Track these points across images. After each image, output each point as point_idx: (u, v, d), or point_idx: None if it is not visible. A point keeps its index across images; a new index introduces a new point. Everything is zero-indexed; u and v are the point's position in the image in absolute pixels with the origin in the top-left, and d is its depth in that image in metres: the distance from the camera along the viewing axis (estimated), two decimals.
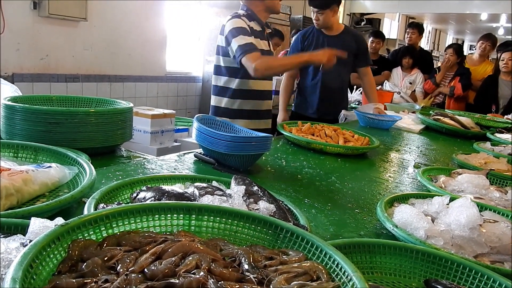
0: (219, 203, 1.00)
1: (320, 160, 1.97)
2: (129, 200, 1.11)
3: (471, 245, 1.05)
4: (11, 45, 4.26)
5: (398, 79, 5.31)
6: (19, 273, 0.56)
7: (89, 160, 1.34)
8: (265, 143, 1.63)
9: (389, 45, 10.55)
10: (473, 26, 15.40)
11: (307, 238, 0.80)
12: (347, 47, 3.18)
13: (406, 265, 0.94)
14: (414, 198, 1.34)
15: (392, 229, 1.09)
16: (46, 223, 0.77)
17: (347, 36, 3.34)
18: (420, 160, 2.25)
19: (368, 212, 1.36)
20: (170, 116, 3.26)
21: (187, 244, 0.73)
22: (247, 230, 0.86)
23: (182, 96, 6.46)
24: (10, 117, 1.54)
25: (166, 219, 0.85)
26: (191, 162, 1.71)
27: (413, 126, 3.20)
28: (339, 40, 3.29)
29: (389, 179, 1.82)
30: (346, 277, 0.68)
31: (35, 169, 1.13)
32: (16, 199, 1.03)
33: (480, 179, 1.54)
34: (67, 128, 1.52)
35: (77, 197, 1.04)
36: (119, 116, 1.68)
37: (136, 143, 3.03)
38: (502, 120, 3.66)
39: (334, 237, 1.12)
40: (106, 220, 0.78)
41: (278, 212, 1.04)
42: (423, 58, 5.59)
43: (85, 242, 0.72)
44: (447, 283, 0.87)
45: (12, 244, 0.71)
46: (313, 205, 1.36)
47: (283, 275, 0.69)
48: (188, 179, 1.27)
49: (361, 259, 0.93)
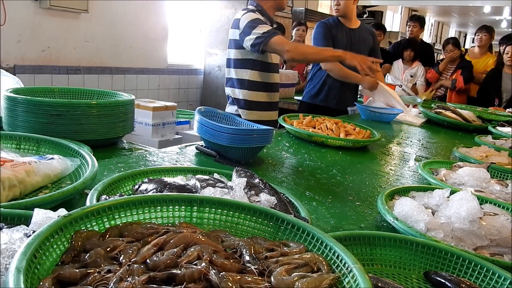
0: (221, 195, 1.00)
1: (321, 153, 1.97)
2: (131, 192, 1.12)
3: (471, 237, 1.06)
4: (13, 37, 4.25)
5: (399, 71, 5.29)
6: (23, 263, 0.57)
7: (91, 152, 1.34)
8: (267, 136, 1.63)
9: (391, 38, 10.50)
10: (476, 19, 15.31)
11: (308, 230, 0.80)
12: (366, 42, 3.20)
13: (406, 257, 0.95)
14: (415, 191, 1.35)
15: (392, 221, 1.09)
16: (49, 214, 0.78)
17: (365, 31, 3.38)
18: (421, 153, 2.25)
19: (368, 204, 1.37)
20: (171, 109, 3.27)
21: (189, 235, 0.73)
22: (248, 222, 0.87)
23: (183, 88, 6.44)
24: (12, 109, 1.55)
25: (168, 210, 0.86)
26: (193, 154, 1.71)
27: (414, 119, 3.20)
28: (360, 34, 3.31)
29: (390, 172, 1.82)
30: (346, 268, 0.69)
31: (37, 161, 1.13)
32: (19, 190, 1.04)
33: (481, 172, 1.54)
34: (69, 120, 1.53)
35: (79, 188, 1.05)
36: (120, 108, 1.69)
37: (138, 136, 3.04)
38: (504, 114, 3.65)
39: (334, 229, 1.13)
40: (108, 212, 0.79)
41: (279, 204, 1.05)
42: (424, 51, 5.56)
43: (87, 233, 0.72)
44: (447, 275, 0.88)
45: (15, 234, 0.72)
46: (314, 198, 1.37)
47: (283, 267, 0.70)
48: (189, 171, 1.27)
49: (361, 251, 0.94)
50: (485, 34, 5.12)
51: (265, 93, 2.74)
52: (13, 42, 4.28)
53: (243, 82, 2.69)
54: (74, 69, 4.84)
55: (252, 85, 2.69)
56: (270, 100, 2.80)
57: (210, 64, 6.49)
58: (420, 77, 5.24)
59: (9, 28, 4.14)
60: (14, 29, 4.23)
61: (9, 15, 4.09)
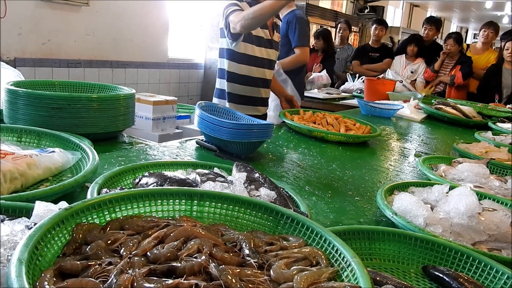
0: (221, 189, 1.01)
1: (321, 148, 1.97)
2: (132, 185, 1.12)
3: (470, 232, 1.06)
4: (13, 30, 4.24)
5: (400, 67, 5.27)
6: (25, 255, 0.57)
7: (91, 145, 1.34)
8: (267, 131, 1.63)
9: (393, 33, 10.46)
10: (477, 14, 15.24)
11: (307, 224, 0.81)
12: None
13: (405, 251, 0.96)
14: (414, 186, 1.35)
15: (391, 216, 1.10)
16: (50, 206, 0.79)
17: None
18: (421, 149, 2.26)
19: (368, 199, 1.37)
20: (172, 103, 3.27)
21: (189, 229, 0.74)
22: (248, 216, 0.88)
23: (184, 82, 6.44)
24: (13, 102, 1.55)
25: (168, 204, 0.87)
26: (193, 148, 1.72)
27: (415, 115, 3.20)
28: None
29: (390, 167, 1.83)
30: (345, 262, 0.69)
31: (38, 154, 1.14)
32: (21, 183, 1.04)
33: (480, 168, 1.55)
34: (70, 114, 1.53)
35: (80, 181, 1.05)
36: (121, 102, 1.69)
37: (138, 129, 3.04)
38: (504, 110, 3.65)
39: (334, 224, 1.13)
40: (109, 205, 0.79)
41: (279, 199, 1.05)
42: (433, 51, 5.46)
43: (89, 225, 0.73)
44: (445, 269, 0.88)
45: (17, 226, 0.72)
46: (314, 193, 1.37)
47: (283, 260, 0.70)
48: (190, 166, 1.27)
49: (360, 245, 0.94)
50: (491, 31, 5.07)
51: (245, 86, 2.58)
52: (14, 35, 4.27)
53: (223, 72, 2.56)
54: (75, 63, 4.84)
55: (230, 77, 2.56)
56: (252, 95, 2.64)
57: (211, 58, 6.47)
58: (420, 74, 5.22)
59: (9, 21, 4.13)
60: (14, 22, 4.22)
61: (9, 7, 4.08)
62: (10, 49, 4.25)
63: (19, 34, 4.31)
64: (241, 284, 0.62)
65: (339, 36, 5.96)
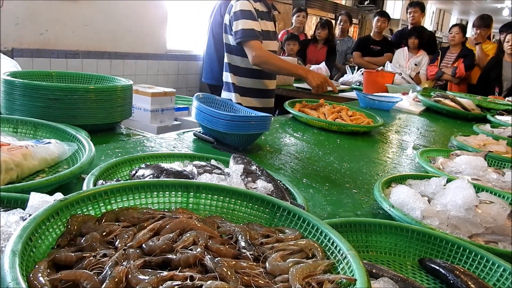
0: (217, 181, 1.00)
1: (319, 141, 1.97)
2: (128, 177, 1.12)
3: (467, 225, 1.06)
4: (11, 19, 4.21)
5: (403, 59, 5.25)
6: (19, 246, 0.57)
7: (88, 137, 1.34)
8: (265, 123, 1.63)
9: (392, 26, 10.41)
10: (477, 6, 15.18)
11: (304, 216, 0.81)
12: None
13: (401, 244, 0.96)
14: (412, 179, 1.35)
15: (388, 209, 1.10)
16: (46, 198, 0.78)
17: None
18: (420, 141, 2.26)
19: (365, 192, 1.37)
20: (170, 95, 3.25)
21: (185, 221, 0.73)
22: (245, 208, 0.87)
23: (182, 74, 6.41)
24: (10, 92, 1.54)
25: (164, 196, 0.86)
26: (191, 140, 1.71)
27: (413, 108, 3.19)
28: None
29: (388, 160, 1.82)
30: (341, 255, 0.69)
31: (34, 145, 1.13)
32: (16, 174, 1.04)
33: (478, 160, 1.54)
34: (67, 105, 1.52)
35: (76, 173, 1.05)
36: (119, 93, 1.68)
37: (136, 121, 3.03)
38: (503, 102, 3.64)
39: (331, 216, 1.13)
40: (105, 196, 0.79)
41: (275, 191, 1.05)
42: (427, 39, 5.50)
43: (84, 217, 0.72)
44: (441, 262, 0.88)
45: (11, 217, 0.72)
46: (311, 185, 1.37)
47: (279, 253, 0.70)
48: (187, 158, 1.27)
49: (357, 238, 0.94)
50: (483, 29, 5.08)
51: (257, 80, 2.72)
52: (11, 25, 4.24)
53: (236, 68, 2.68)
54: (73, 53, 4.81)
55: (244, 72, 2.68)
56: (267, 87, 2.79)
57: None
58: (424, 66, 5.21)
59: (7, 10, 4.10)
60: (12, 12, 4.19)
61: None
62: (7, 39, 4.22)
63: (17, 24, 4.28)
64: (236, 276, 0.62)
65: (339, 28, 5.94)
